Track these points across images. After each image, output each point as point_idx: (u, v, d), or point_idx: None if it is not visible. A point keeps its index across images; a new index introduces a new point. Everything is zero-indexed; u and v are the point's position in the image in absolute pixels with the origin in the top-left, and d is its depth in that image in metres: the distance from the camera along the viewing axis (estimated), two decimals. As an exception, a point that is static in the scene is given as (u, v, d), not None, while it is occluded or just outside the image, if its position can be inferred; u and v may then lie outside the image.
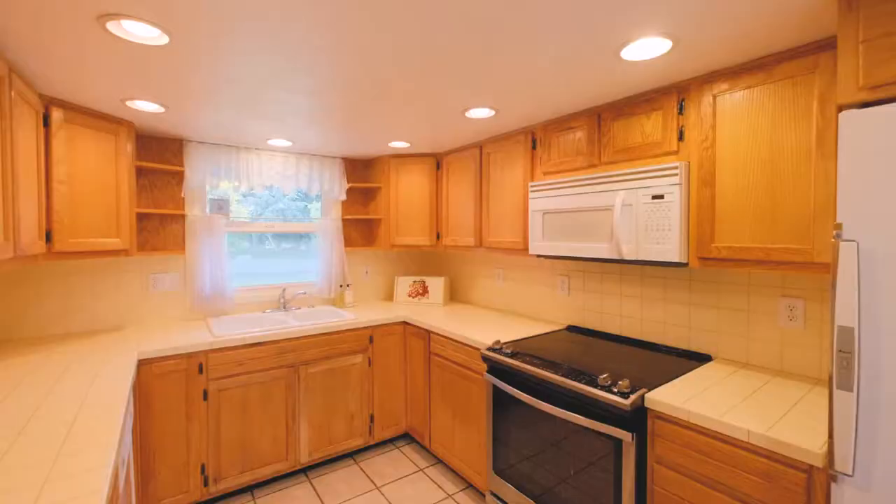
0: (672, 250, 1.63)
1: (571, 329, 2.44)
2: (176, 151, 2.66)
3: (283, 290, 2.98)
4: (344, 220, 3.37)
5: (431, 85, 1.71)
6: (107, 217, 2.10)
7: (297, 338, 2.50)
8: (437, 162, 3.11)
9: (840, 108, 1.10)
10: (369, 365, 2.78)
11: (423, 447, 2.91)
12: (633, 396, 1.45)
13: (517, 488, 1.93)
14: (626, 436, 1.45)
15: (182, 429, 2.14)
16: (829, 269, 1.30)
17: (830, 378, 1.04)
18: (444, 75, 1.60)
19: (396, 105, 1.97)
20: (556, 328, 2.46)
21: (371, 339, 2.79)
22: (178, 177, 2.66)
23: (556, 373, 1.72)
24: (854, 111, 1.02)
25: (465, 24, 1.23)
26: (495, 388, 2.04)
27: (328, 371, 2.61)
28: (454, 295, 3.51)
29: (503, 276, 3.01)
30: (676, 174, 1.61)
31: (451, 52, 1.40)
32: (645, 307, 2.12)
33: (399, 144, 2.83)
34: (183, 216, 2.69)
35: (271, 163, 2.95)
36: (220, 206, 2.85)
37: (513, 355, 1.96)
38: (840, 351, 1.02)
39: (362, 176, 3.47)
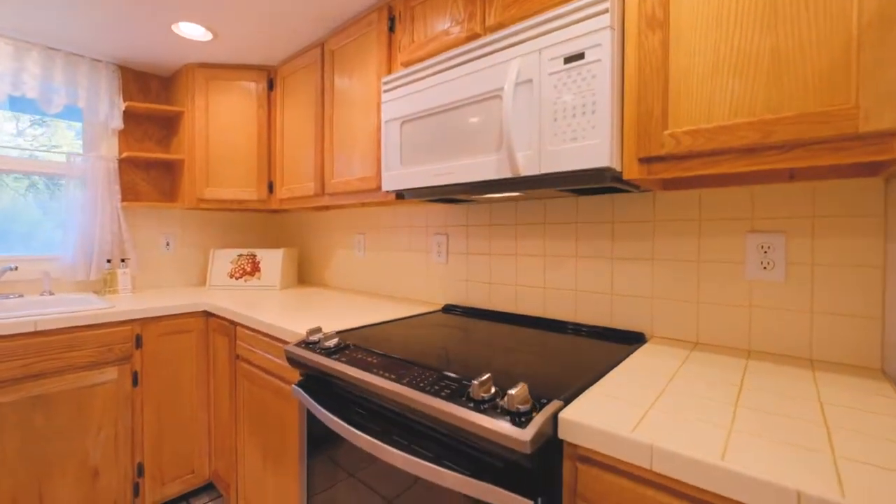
0: (598, 147, 0.92)
1: (448, 310, 1.67)
2: None
3: (-22, 263, 1.74)
4: (123, 161, 2.20)
5: None
6: None
7: (-45, 343, 1.34)
8: (269, 79, 2.14)
9: None
10: (135, 383, 1.70)
11: (233, 504, 1.90)
12: (536, 420, 0.68)
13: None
14: (522, 504, 0.68)
15: None
16: (887, 148, 0.68)
17: None
18: None
19: None
20: (427, 310, 1.67)
21: (139, 341, 1.71)
22: None
23: (401, 378, 0.90)
24: None
25: None
26: (309, 412, 1.17)
27: (38, 400, 1.48)
28: (304, 275, 2.55)
29: (364, 245, 2.15)
30: (606, 12, 0.91)
31: None
32: (549, 270, 1.43)
33: (193, 30, 1.80)
34: None
35: (-47, 43, 1.70)
36: None
37: (334, 351, 1.10)
38: None
39: (162, 99, 2.34)
